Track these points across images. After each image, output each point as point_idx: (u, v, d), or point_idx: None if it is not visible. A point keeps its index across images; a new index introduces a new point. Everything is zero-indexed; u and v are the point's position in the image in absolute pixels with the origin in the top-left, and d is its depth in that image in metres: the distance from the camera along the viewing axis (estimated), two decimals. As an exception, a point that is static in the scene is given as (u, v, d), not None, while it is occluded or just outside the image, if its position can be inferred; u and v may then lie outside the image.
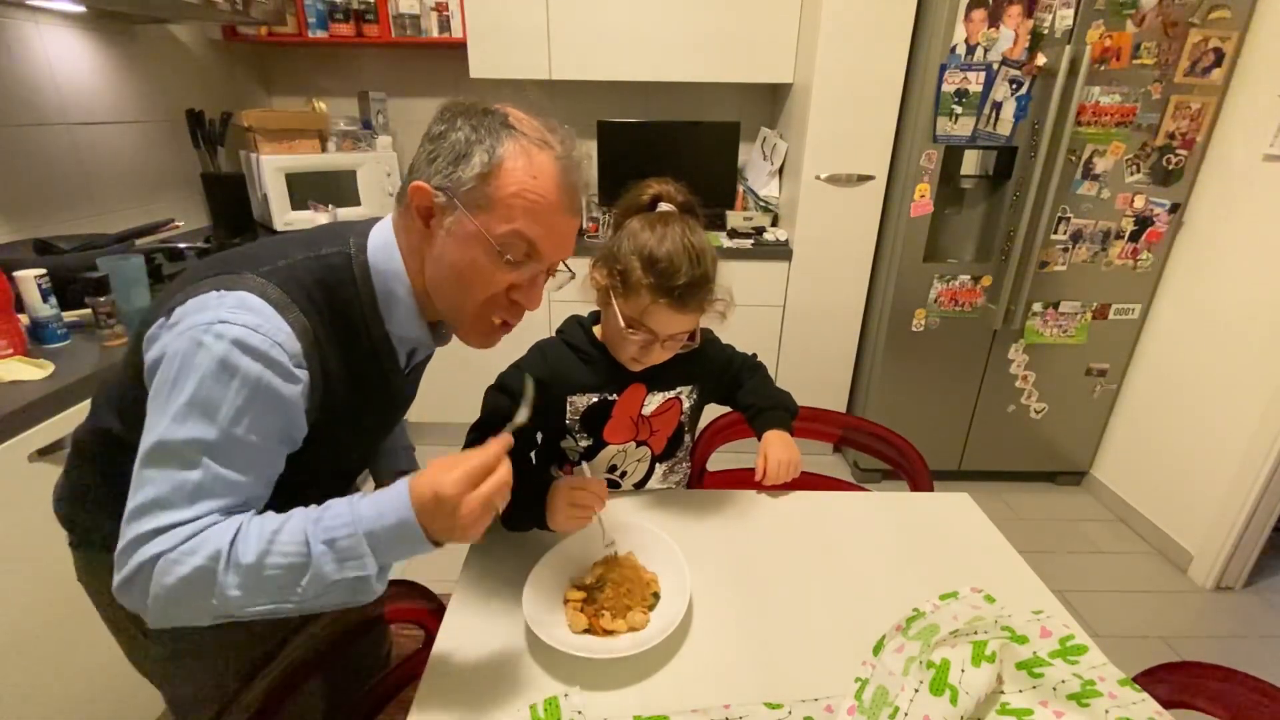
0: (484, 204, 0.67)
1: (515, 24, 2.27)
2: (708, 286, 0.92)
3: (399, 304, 0.75)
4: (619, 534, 0.91)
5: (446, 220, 0.69)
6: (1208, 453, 2.06)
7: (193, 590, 0.60)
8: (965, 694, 0.66)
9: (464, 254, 0.70)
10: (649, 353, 0.96)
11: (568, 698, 0.69)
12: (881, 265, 2.35)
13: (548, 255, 0.72)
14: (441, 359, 2.82)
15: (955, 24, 1.92)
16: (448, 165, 0.68)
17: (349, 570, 0.62)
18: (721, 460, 1.30)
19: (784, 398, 1.17)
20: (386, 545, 0.63)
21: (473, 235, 0.68)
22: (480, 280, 0.71)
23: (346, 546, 0.62)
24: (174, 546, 0.60)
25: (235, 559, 0.60)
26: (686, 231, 0.91)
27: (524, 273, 0.72)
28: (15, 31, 1.59)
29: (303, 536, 0.62)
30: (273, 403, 0.64)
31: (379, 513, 0.63)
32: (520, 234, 0.69)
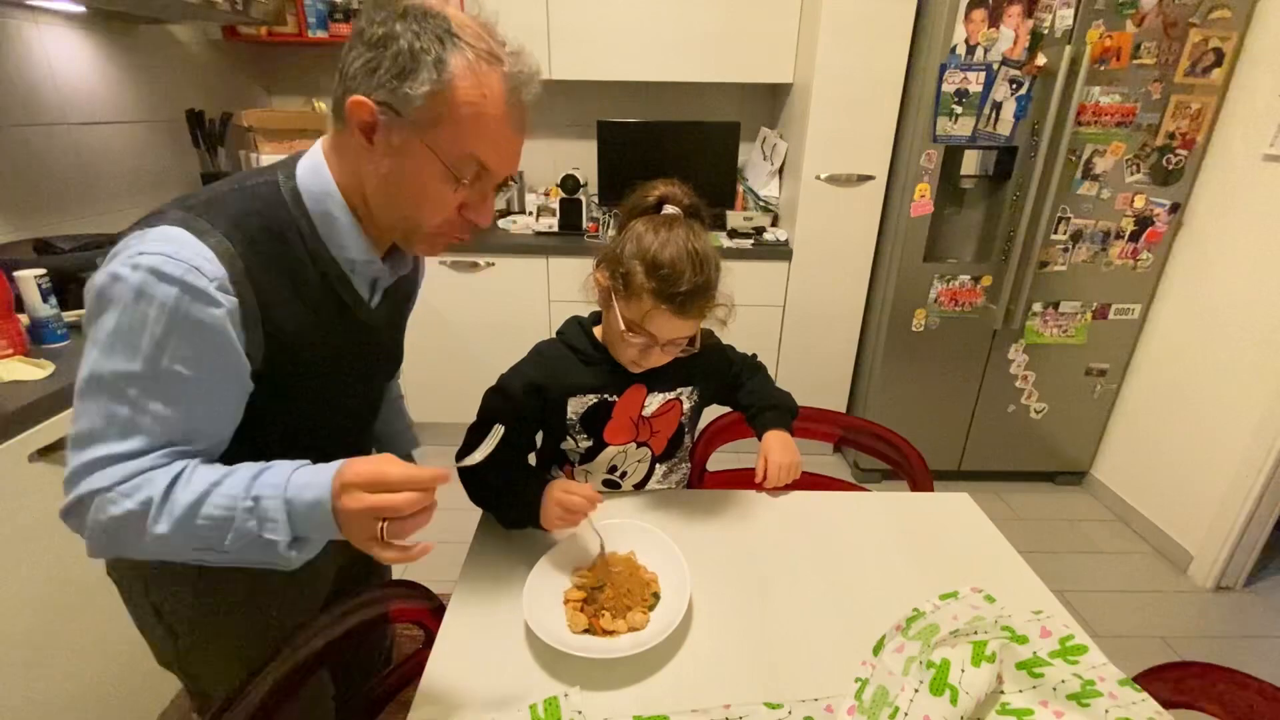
0: (433, 124, 0.65)
1: (515, 24, 2.22)
2: (710, 293, 0.91)
3: (338, 225, 0.72)
4: (619, 534, 0.91)
5: (393, 138, 0.66)
6: (1208, 453, 2.06)
7: (123, 530, 0.62)
8: (965, 694, 0.66)
9: (413, 174, 0.68)
10: (648, 356, 0.96)
11: (568, 698, 0.69)
12: (881, 265, 2.35)
13: (497, 173, 0.71)
14: (442, 358, 2.79)
15: (955, 24, 1.92)
16: (391, 79, 0.63)
17: (266, 532, 0.62)
18: (721, 460, 1.30)
19: (784, 398, 1.17)
20: (300, 519, 0.63)
21: (423, 157, 0.66)
22: (432, 201, 0.70)
23: (268, 508, 0.62)
24: (111, 485, 0.61)
25: (169, 507, 0.61)
26: (691, 236, 0.90)
27: (474, 191, 0.71)
28: (15, 31, 1.59)
29: (240, 490, 0.62)
30: (196, 330, 0.62)
31: (305, 484, 0.63)
32: (473, 156, 0.67)
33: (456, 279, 2.40)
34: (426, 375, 2.54)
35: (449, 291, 2.42)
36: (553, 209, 2.49)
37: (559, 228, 2.46)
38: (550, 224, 2.48)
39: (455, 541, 0.91)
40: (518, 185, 0.69)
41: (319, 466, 0.64)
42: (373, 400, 0.96)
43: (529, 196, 2.65)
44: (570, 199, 2.44)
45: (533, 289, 2.41)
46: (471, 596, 0.85)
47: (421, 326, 2.44)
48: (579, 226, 2.46)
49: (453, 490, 2.00)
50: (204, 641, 0.83)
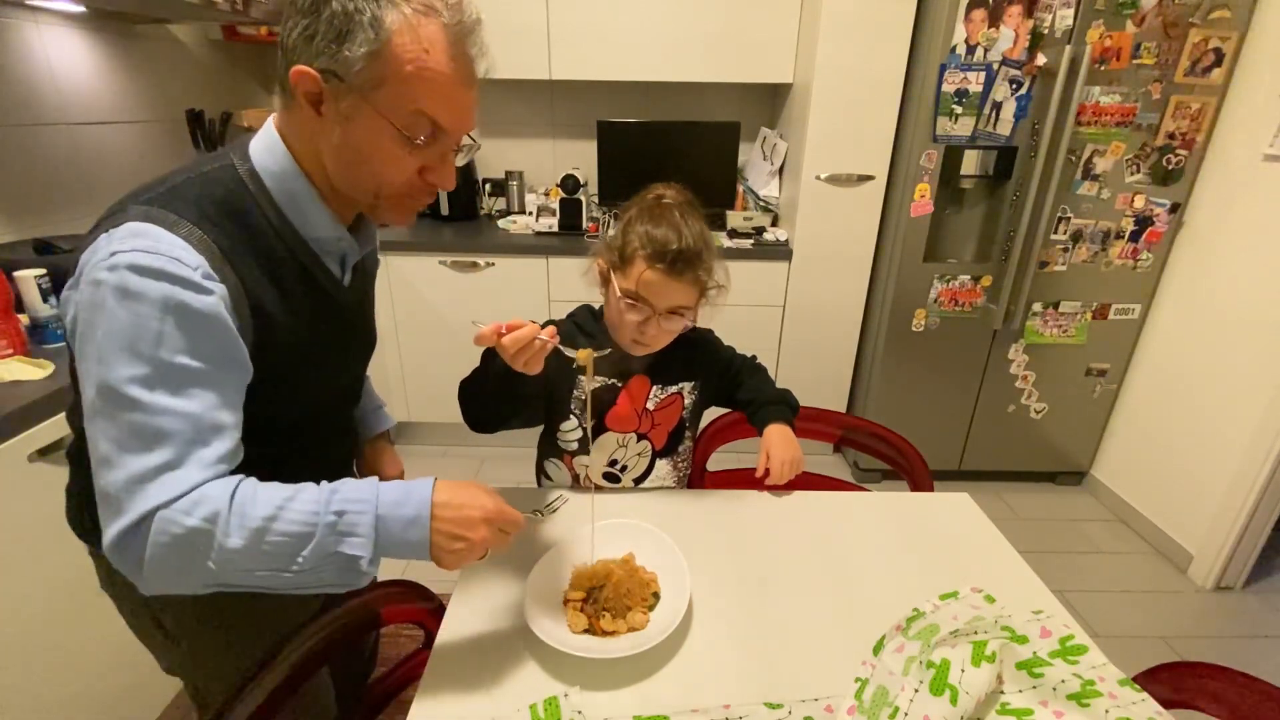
0: (378, 85, 0.62)
1: (515, 24, 2.27)
2: (702, 259, 0.96)
3: (303, 204, 0.70)
4: (620, 534, 0.91)
5: (341, 105, 0.64)
6: (1208, 453, 2.06)
7: (191, 551, 0.59)
8: (965, 694, 0.66)
9: (366, 140, 0.65)
10: (647, 330, 0.98)
11: (568, 698, 0.69)
12: (881, 265, 2.35)
13: (453, 130, 0.68)
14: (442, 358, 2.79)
15: (955, 24, 1.92)
16: (329, 44, 0.61)
17: (347, 546, 0.62)
18: (721, 460, 1.30)
19: (785, 394, 1.18)
20: (391, 535, 0.63)
21: (373, 120, 0.64)
22: (390, 165, 0.67)
23: (354, 522, 0.62)
24: (170, 500, 0.58)
25: (239, 520, 0.59)
26: (682, 211, 0.97)
27: (433, 153, 0.69)
28: (15, 31, 1.59)
29: (315, 506, 0.62)
30: (192, 320, 0.60)
31: (399, 499, 0.64)
32: (422, 114, 0.65)
33: (456, 279, 2.40)
34: (426, 375, 2.55)
35: (449, 291, 2.42)
36: (553, 209, 2.50)
37: (559, 228, 2.46)
38: (550, 224, 2.48)
39: (455, 541, 0.91)
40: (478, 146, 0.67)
41: (404, 484, 0.66)
42: (355, 382, 0.95)
43: (529, 196, 2.66)
44: (570, 199, 2.44)
45: (533, 289, 2.41)
46: (471, 596, 0.85)
47: (422, 326, 2.47)
48: (579, 226, 2.46)
49: (453, 490, 1.92)
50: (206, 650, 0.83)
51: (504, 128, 2.78)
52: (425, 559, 0.65)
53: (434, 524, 0.65)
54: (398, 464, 1.07)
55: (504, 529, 0.70)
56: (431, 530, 0.65)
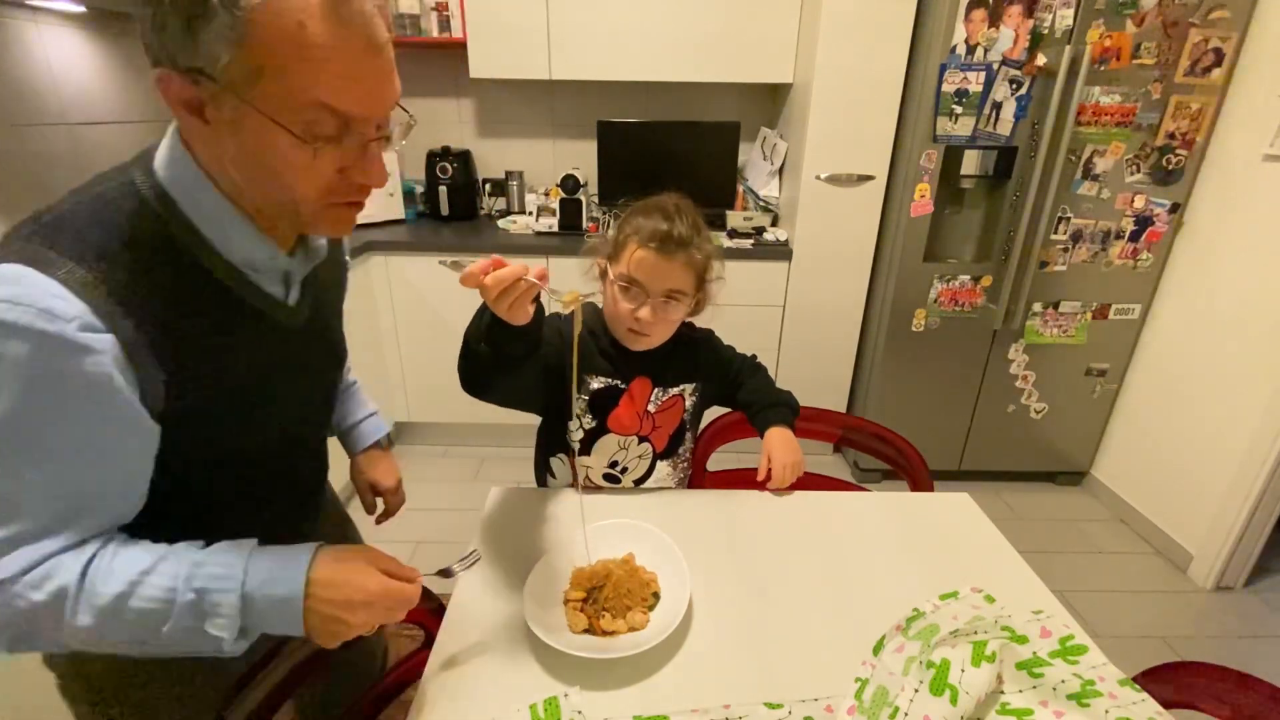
0: (253, 79, 0.50)
1: (515, 24, 2.27)
2: (694, 241, 0.97)
3: (222, 223, 0.59)
4: (620, 534, 0.91)
5: (226, 111, 0.52)
6: (1208, 453, 2.06)
7: (36, 625, 0.54)
8: (965, 694, 0.66)
9: (261, 148, 0.54)
10: (642, 314, 0.98)
11: (568, 698, 0.69)
12: (881, 265, 2.35)
13: (365, 114, 0.55)
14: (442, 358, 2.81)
15: (955, 24, 1.92)
16: (182, 36, 0.49)
17: (209, 626, 0.56)
18: (721, 460, 1.30)
19: (786, 396, 1.18)
20: (259, 616, 0.58)
21: (261, 124, 0.52)
22: (298, 173, 0.55)
23: (216, 602, 0.56)
24: (13, 576, 0.53)
25: (89, 598, 0.54)
26: (679, 202, 1.00)
27: (348, 148, 0.56)
28: (15, 31, 1.59)
29: (172, 582, 0.55)
30: (62, 384, 0.52)
31: (269, 577, 0.58)
32: (320, 105, 0.52)
33: (456, 279, 2.39)
34: (426, 375, 2.55)
35: (449, 291, 2.41)
36: (553, 209, 2.50)
37: (559, 228, 2.46)
38: (550, 224, 2.48)
39: (455, 541, 0.91)
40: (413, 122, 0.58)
41: (281, 555, 0.59)
42: (314, 412, 0.84)
43: (529, 196, 2.66)
44: (570, 199, 2.44)
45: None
46: (471, 596, 0.85)
47: (421, 326, 2.47)
48: (579, 226, 2.46)
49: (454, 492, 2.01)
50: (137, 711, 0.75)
51: (504, 128, 2.78)
52: (297, 634, 0.60)
53: (309, 603, 0.58)
54: (394, 472, 1.03)
55: (391, 609, 0.63)
56: (306, 610, 0.58)
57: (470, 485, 2.41)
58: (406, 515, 1.11)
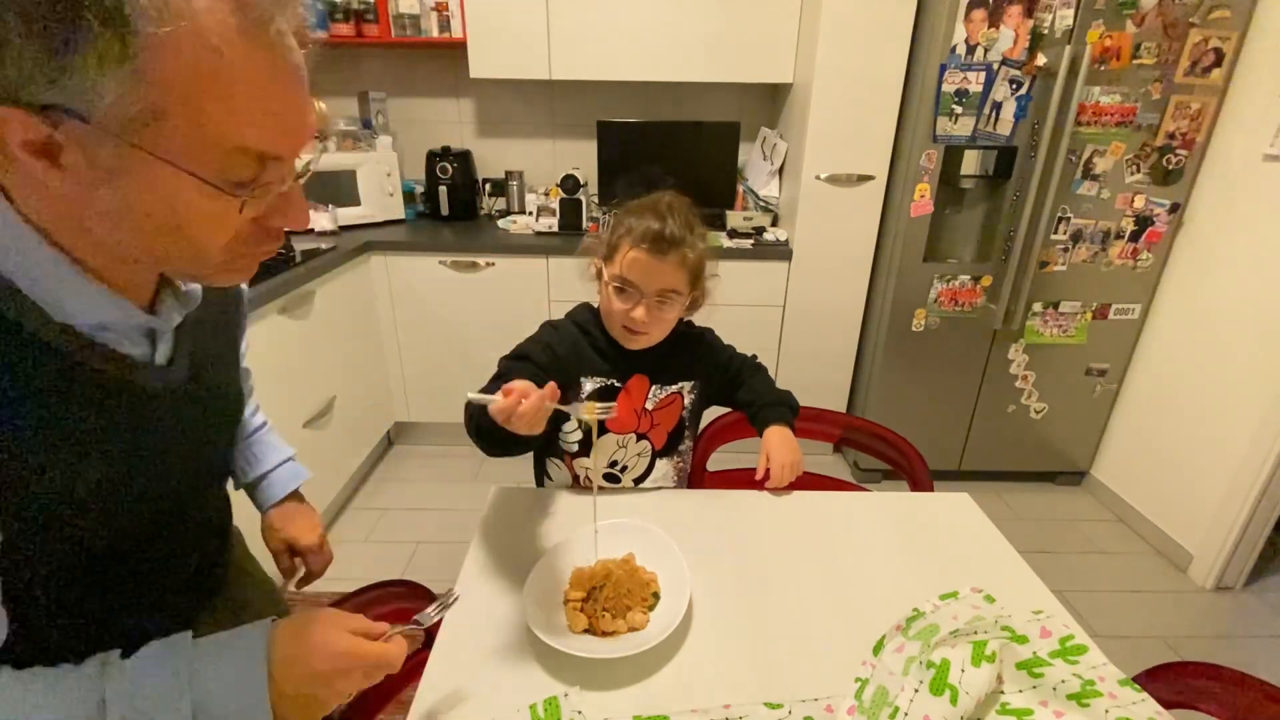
0: (151, 120, 0.39)
1: (515, 24, 2.27)
2: (687, 240, 0.97)
3: (53, 283, 0.47)
4: (619, 534, 0.91)
5: (101, 157, 0.40)
6: (1208, 453, 2.06)
7: None
8: (965, 694, 0.66)
9: (161, 199, 0.43)
10: (636, 314, 0.98)
11: (568, 698, 0.69)
12: (881, 265, 2.35)
13: (285, 151, 0.46)
14: (441, 358, 2.76)
15: (955, 24, 1.92)
16: (39, 64, 0.36)
17: None
18: (721, 460, 1.30)
19: (785, 395, 1.18)
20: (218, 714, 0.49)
21: (161, 174, 0.41)
22: (208, 225, 0.46)
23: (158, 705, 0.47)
24: None
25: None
26: (672, 199, 1.00)
27: (269, 192, 0.47)
28: None
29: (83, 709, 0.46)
30: None
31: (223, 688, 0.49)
32: (240, 149, 0.43)
33: (456, 279, 2.40)
34: (426, 375, 2.55)
35: (449, 291, 2.42)
36: (553, 209, 2.50)
37: (559, 228, 2.46)
38: (550, 224, 2.48)
39: (455, 541, 0.91)
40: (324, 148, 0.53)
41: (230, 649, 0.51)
42: (205, 475, 0.70)
43: (529, 196, 2.66)
44: (570, 199, 2.44)
45: (533, 289, 2.41)
46: (471, 596, 0.85)
47: (421, 326, 2.47)
48: (579, 226, 2.46)
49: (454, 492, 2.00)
50: None
51: (504, 128, 2.78)
52: None
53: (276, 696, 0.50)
54: (314, 528, 0.88)
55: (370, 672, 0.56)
56: (275, 703, 0.50)
57: (470, 485, 2.41)
58: (407, 515, 1.10)
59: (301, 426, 1.92)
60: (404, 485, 2.43)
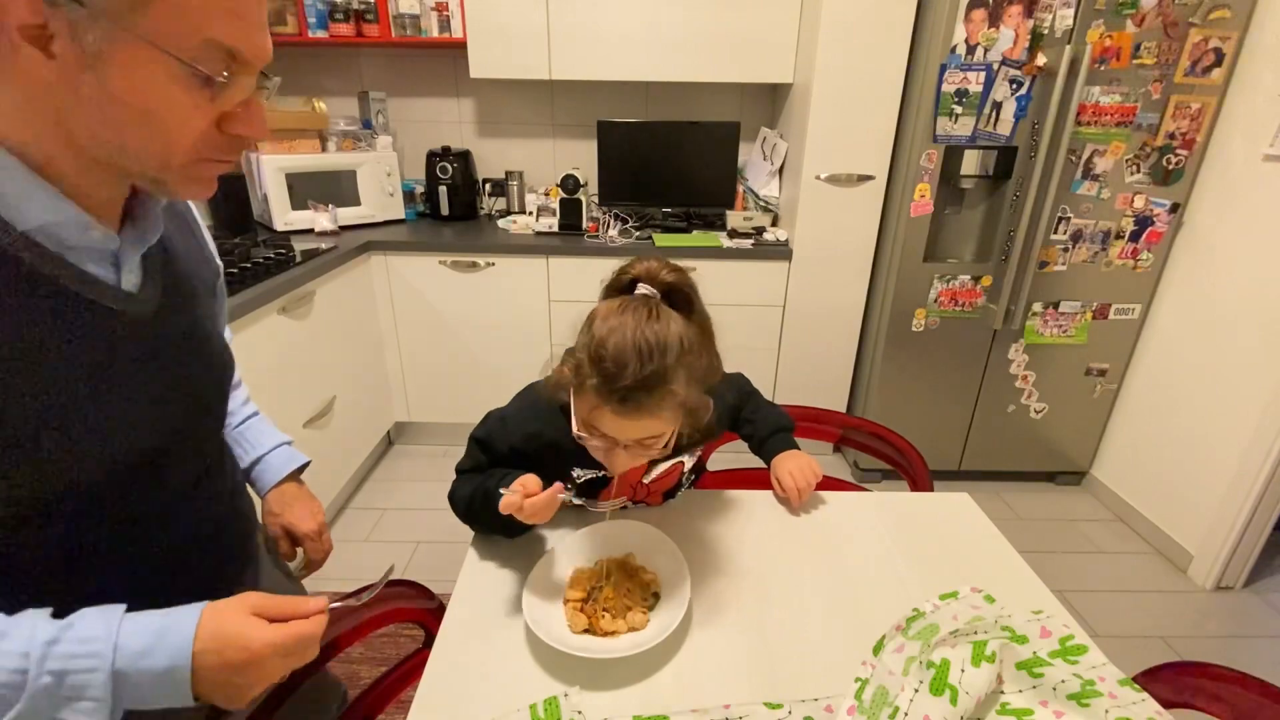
0: (140, 6, 0.44)
1: (515, 24, 2.27)
2: (662, 389, 0.74)
3: (12, 189, 0.48)
4: (620, 534, 0.91)
5: (88, 41, 0.44)
6: (1208, 453, 2.06)
7: None
8: (965, 694, 0.66)
9: (135, 85, 0.46)
10: (614, 458, 0.81)
11: (568, 698, 0.69)
12: (881, 265, 2.35)
13: (250, 56, 0.50)
14: (442, 358, 2.79)
15: (955, 24, 1.92)
16: None
17: (73, 711, 0.46)
18: (721, 460, 1.30)
19: (780, 418, 1.14)
20: (136, 690, 0.49)
21: (145, 57, 0.45)
22: (178, 119, 0.49)
23: (80, 684, 0.47)
24: None
25: None
26: (645, 323, 0.75)
27: (233, 96, 0.51)
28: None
29: (20, 662, 0.46)
30: None
31: (145, 649, 0.49)
32: (214, 42, 0.47)
33: (456, 279, 2.40)
34: (426, 375, 2.55)
35: (449, 291, 2.42)
36: (553, 209, 2.50)
37: (559, 228, 2.46)
38: (550, 224, 2.48)
39: (455, 541, 0.91)
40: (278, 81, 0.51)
41: (153, 621, 0.50)
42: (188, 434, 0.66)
43: (529, 196, 2.66)
44: (570, 199, 2.44)
45: (533, 289, 2.41)
46: (471, 596, 0.85)
47: (422, 326, 2.47)
48: (579, 226, 2.46)
49: (453, 490, 1.90)
50: None
51: (504, 128, 2.78)
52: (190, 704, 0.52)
53: (199, 672, 0.50)
54: (313, 516, 0.87)
55: (288, 657, 0.55)
56: (195, 679, 0.50)
57: (470, 485, 2.41)
58: (407, 515, 1.10)
59: (302, 426, 1.92)
60: (404, 485, 2.43)
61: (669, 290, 0.81)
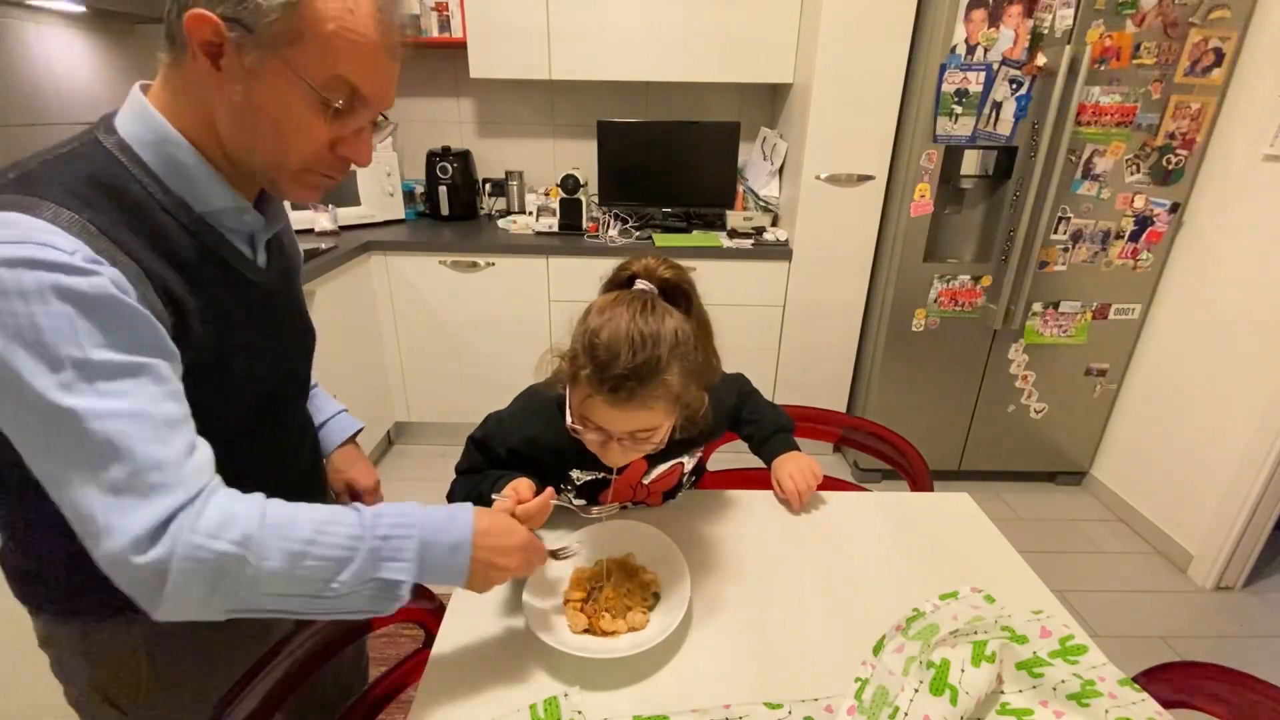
0: (293, 40, 0.56)
1: (515, 24, 2.27)
2: (655, 380, 0.74)
3: (189, 173, 0.62)
4: (620, 534, 0.91)
5: (246, 60, 0.56)
6: (1208, 453, 2.06)
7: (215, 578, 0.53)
8: (965, 694, 0.66)
9: (276, 101, 0.58)
10: (609, 452, 0.82)
11: (568, 698, 0.69)
12: (881, 265, 2.35)
13: (374, 102, 0.62)
14: (442, 358, 2.79)
15: (955, 24, 1.92)
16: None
17: (388, 571, 0.60)
18: (721, 460, 1.30)
19: (780, 419, 1.14)
20: (433, 561, 0.63)
21: (284, 77, 0.57)
22: (300, 133, 0.60)
23: (398, 547, 0.61)
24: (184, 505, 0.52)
25: (279, 544, 0.55)
26: (638, 315, 0.75)
27: (348, 125, 0.62)
28: (15, 31, 1.59)
29: (357, 530, 0.59)
30: (89, 305, 0.51)
31: (442, 525, 0.64)
32: (342, 79, 0.59)
33: (456, 279, 2.40)
34: (426, 375, 2.55)
35: (449, 291, 2.42)
36: (553, 209, 2.50)
37: (559, 228, 2.46)
38: (550, 224, 2.48)
39: (455, 541, 0.90)
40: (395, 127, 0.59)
41: (446, 510, 0.66)
42: (297, 376, 0.84)
43: (529, 196, 2.66)
44: (570, 199, 2.44)
45: (533, 289, 2.41)
46: (471, 596, 0.85)
47: (421, 326, 2.47)
48: (579, 226, 2.46)
49: (453, 490, 1.89)
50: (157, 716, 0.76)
51: (504, 128, 2.78)
52: (459, 585, 0.66)
53: (474, 552, 0.65)
54: (371, 472, 1.00)
55: (531, 559, 0.72)
56: (471, 558, 0.65)
57: (470, 485, 2.41)
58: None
59: (301, 426, 1.91)
60: (404, 485, 2.43)
61: (667, 287, 0.81)
